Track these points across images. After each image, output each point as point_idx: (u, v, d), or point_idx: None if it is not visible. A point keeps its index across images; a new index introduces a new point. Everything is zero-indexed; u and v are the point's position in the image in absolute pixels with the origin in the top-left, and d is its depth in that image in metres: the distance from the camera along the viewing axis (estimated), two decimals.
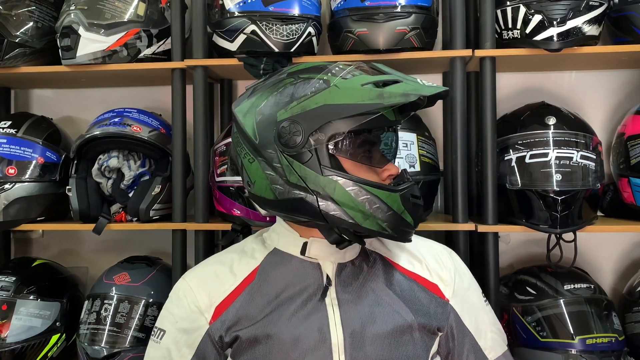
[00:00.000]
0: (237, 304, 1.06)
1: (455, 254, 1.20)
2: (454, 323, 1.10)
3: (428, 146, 1.57)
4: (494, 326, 1.16)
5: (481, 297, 1.17)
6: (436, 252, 1.17)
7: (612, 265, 1.85)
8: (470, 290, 1.16)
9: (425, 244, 1.19)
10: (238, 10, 1.52)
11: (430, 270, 1.12)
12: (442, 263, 1.14)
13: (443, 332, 1.09)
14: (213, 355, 1.06)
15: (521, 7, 1.47)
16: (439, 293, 1.10)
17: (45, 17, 1.71)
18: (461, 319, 1.11)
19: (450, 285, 1.12)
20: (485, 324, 1.14)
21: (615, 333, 1.48)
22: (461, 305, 1.12)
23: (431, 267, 1.13)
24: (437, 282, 1.11)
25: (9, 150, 1.65)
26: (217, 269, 1.12)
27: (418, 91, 0.97)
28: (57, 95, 2.05)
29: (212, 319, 1.06)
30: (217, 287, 1.09)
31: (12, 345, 1.60)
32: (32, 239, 2.06)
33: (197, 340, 1.06)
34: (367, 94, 0.96)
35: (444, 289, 1.11)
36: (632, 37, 1.53)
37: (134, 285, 1.65)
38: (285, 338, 1.01)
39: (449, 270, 1.13)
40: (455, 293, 1.12)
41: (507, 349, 1.17)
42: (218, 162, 1.63)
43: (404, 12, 1.50)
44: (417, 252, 1.15)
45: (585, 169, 1.47)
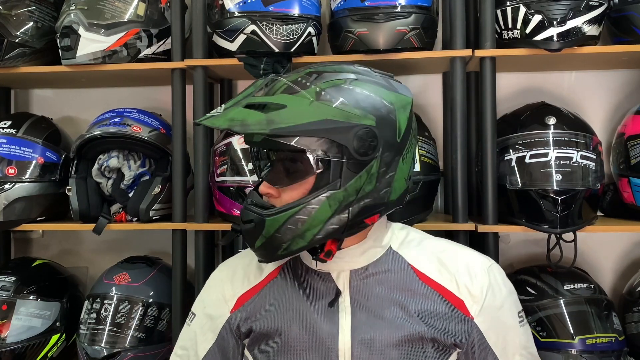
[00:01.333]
0: (257, 297, 1.11)
1: (496, 268, 1.10)
2: (477, 342, 1.04)
3: (428, 146, 1.57)
4: (526, 350, 1.08)
5: (516, 317, 1.08)
6: (472, 265, 1.07)
7: (612, 265, 1.85)
8: (504, 309, 1.06)
9: (465, 254, 1.10)
10: (238, 10, 1.52)
11: (459, 284, 1.05)
12: (475, 278, 1.06)
13: (462, 349, 1.04)
14: (232, 343, 1.11)
15: (521, 7, 1.47)
16: (464, 309, 1.04)
17: (45, 17, 1.72)
18: (485, 338, 1.04)
19: (479, 302, 1.04)
20: (515, 346, 1.07)
21: (615, 333, 1.48)
22: (488, 324, 1.04)
23: (461, 281, 1.05)
24: (465, 297, 1.04)
25: (9, 150, 1.65)
26: (246, 263, 1.17)
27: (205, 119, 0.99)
28: (57, 95, 2.05)
29: (233, 308, 1.11)
30: (242, 279, 1.14)
31: (12, 345, 1.60)
32: (32, 239, 2.06)
33: (219, 326, 1.11)
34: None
35: (470, 306, 1.04)
36: (632, 37, 1.53)
37: (134, 285, 1.65)
38: (295, 337, 1.03)
39: (480, 287, 1.05)
40: (483, 311, 1.04)
41: None
42: (218, 162, 1.63)
43: (404, 12, 1.50)
44: (451, 263, 1.07)
45: (585, 169, 1.47)
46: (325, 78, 0.99)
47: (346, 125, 0.95)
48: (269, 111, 0.94)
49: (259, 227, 0.98)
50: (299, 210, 0.96)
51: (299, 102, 0.96)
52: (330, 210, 0.96)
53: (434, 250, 1.10)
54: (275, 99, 0.96)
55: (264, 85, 1.02)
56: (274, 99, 0.96)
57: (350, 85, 0.99)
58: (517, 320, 1.08)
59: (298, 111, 0.94)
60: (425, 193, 1.52)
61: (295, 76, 1.01)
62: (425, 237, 1.14)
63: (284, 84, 0.99)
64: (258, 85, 1.03)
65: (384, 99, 0.99)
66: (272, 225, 0.97)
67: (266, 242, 0.98)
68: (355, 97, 0.97)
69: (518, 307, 1.10)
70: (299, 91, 0.97)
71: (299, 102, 0.96)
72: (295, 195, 0.98)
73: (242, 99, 0.99)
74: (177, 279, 1.62)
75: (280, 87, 0.99)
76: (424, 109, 1.86)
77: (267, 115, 0.93)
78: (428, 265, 1.07)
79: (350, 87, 0.98)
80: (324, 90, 0.97)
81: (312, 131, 0.94)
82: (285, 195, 0.99)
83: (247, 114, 0.94)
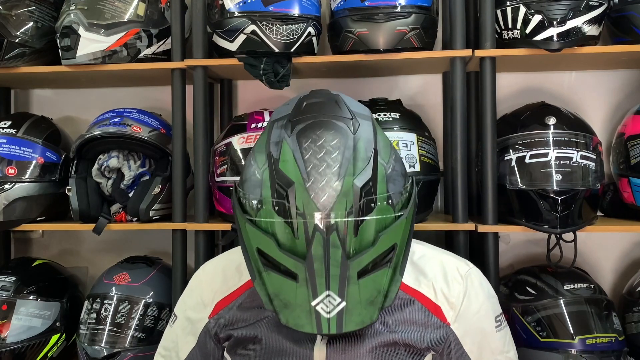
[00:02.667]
0: (236, 303, 1.10)
1: (475, 273, 1.10)
2: (453, 347, 1.05)
3: (428, 146, 1.57)
4: (502, 354, 1.08)
5: (493, 322, 1.09)
6: (450, 271, 1.08)
7: (612, 265, 1.84)
8: (480, 314, 1.07)
9: (443, 260, 1.10)
10: (238, 10, 1.52)
11: (436, 291, 1.06)
12: (452, 284, 1.06)
13: (437, 352, 1.05)
14: (211, 346, 1.11)
15: (521, 7, 1.47)
16: (441, 315, 1.04)
17: (45, 17, 1.71)
18: (461, 343, 1.05)
19: (456, 309, 1.05)
20: (491, 351, 1.07)
21: (615, 333, 1.48)
22: (465, 329, 1.05)
23: (438, 286, 1.06)
24: (442, 303, 1.05)
25: (9, 150, 1.65)
26: (225, 266, 1.15)
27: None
28: (57, 95, 2.05)
29: (211, 314, 1.11)
30: (221, 284, 1.12)
31: (12, 345, 1.60)
32: (32, 239, 2.06)
33: (198, 330, 1.12)
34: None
35: (447, 312, 1.05)
36: (632, 37, 1.53)
37: (134, 285, 1.65)
38: (273, 344, 1.04)
39: (457, 293, 1.05)
40: (460, 317, 1.05)
41: None
42: (218, 162, 1.63)
43: (404, 12, 1.50)
44: (429, 269, 1.08)
45: (585, 169, 1.47)
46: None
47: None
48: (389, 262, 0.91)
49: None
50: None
51: (399, 227, 0.93)
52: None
53: (412, 258, 1.09)
54: (383, 245, 0.90)
55: (336, 243, 0.87)
56: (381, 246, 0.89)
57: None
58: (494, 326, 1.09)
59: (401, 235, 0.93)
60: (425, 193, 1.52)
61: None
62: None
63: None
64: (332, 244, 0.87)
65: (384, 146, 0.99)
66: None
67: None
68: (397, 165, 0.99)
69: (496, 312, 1.10)
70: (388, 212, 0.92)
71: (399, 227, 0.93)
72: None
73: (339, 272, 0.86)
74: (177, 279, 1.62)
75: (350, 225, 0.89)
76: (424, 109, 1.86)
77: (392, 266, 0.91)
78: (408, 272, 1.06)
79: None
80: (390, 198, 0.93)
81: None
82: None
83: (372, 281, 0.88)
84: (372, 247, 0.88)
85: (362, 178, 0.89)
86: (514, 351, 1.11)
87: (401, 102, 1.67)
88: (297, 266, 0.87)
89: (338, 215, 0.86)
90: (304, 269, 0.86)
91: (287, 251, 0.88)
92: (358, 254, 0.88)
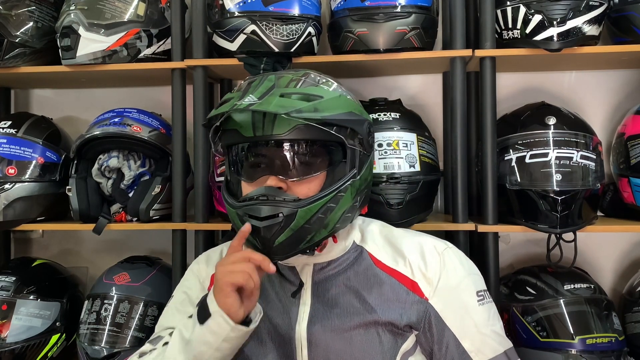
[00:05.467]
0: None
1: (451, 249, 1.13)
2: (433, 321, 1.06)
3: (428, 146, 1.57)
4: (487, 328, 1.07)
5: (475, 295, 1.09)
6: (426, 249, 1.11)
7: (612, 265, 1.85)
8: (461, 288, 1.08)
9: (417, 240, 1.14)
10: (238, 10, 1.52)
11: (412, 268, 1.09)
12: (429, 260, 1.09)
13: (419, 331, 1.07)
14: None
15: (521, 7, 1.47)
16: (418, 291, 1.07)
17: (45, 17, 1.71)
18: (442, 318, 1.06)
19: (433, 284, 1.07)
20: (475, 325, 1.07)
21: (615, 333, 1.48)
22: (444, 303, 1.07)
23: (415, 264, 1.09)
24: (419, 279, 1.08)
25: (9, 150, 1.65)
26: (223, 249, 1.23)
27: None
28: (57, 95, 2.05)
29: (209, 287, 1.16)
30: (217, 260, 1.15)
31: (12, 345, 1.60)
32: (32, 239, 2.06)
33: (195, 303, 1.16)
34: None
35: (424, 287, 1.07)
36: (632, 37, 1.53)
37: (134, 285, 1.65)
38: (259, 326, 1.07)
39: (433, 269, 1.08)
40: (438, 292, 1.07)
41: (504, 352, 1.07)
42: (218, 162, 1.63)
43: (404, 12, 1.50)
44: (405, 248, 1.11)
45: (585, 169, 1.47)
46: (323, 77, 1.09)
47: (361, 118, 1.06)
48: (311, 99, 1.00)
49: (288, 220, 0.99)
50: (330, 198, 1.01)
51: (331, 94, 1.03)
52: (351, 198, 1.04)
53: (391, 239, 1.14)
54: (310, 90, 1.02)
55: (273, 79, 1.05)
56: (308, 90, 1.02)
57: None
58: (476, 299, 1.08)
59: (333, 102, 1.02)
60: (425, 193, 1.52)
61: (293, 74, 1.07)
62: (384, 226, 1.18)
63: (298, 78, 1.05)
64: (267, 79, 1.05)
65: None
66: (304, 217, 0.99)
67: (292, 235, 1.00)
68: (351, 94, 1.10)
69: (478, 287, 1.11)
70: (319, 85, 1.05)
71: (331, 94, 1.03)
72: (311, 187, 1.02)
73: (266, 90, 1.01)
74: (177, 279, 1.61)
75: (295, 81, 1.04)
76: (424, 109, 1.86)
77: (314, 104, 0.99)
78: (384, 253, 1.12)
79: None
80: (339, 87, 1.08)
81: (347, 121, 1.02)
82: (296, 189, 1.02)
83: (292, 101, 0.98)
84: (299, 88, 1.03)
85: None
86: (500, 325, 1.10)
87: (401, 102, 1.67)
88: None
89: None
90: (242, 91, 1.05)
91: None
92: (287, 88, 1.03)
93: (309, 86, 1.04)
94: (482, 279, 1.14)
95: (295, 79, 1.05)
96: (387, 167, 1.47)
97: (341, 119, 1.01)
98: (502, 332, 1.10)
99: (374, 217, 1.46)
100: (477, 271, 1.15)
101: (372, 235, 1.15)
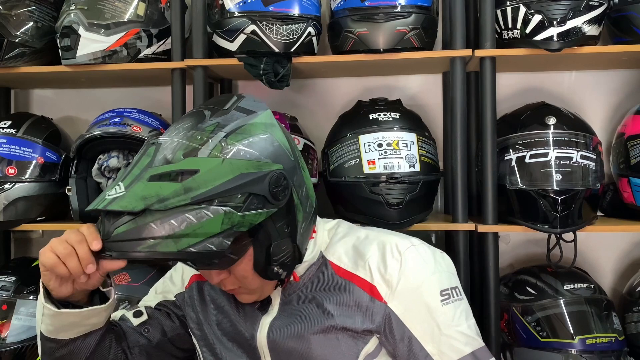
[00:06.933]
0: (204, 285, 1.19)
1: (416, 248, 1.07)
2: (395, 326, 1.03)
3: (428, 146, 1.57)
4: (451, 328, 1.02)
5: (438, 295, 1.03)
6: (388, 248, 1.07)
7: (612, 265, 1.84)
8: (422, 289, 1.03)
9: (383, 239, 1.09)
10: (238, 10, 1.52)
11: (372, 271, 1.05)
12: (389, 261, 1.05)
13: (380, 334, 1.05)
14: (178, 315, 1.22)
15: (521, 7, 1.47)
16: (377, 295, 1.04)
17: (45, 17, 1.71)
18: (403, 322, 1.02)
19: (392, 285, 1.03)
20: (438, 326, 1.02)
21: (615, 333, 1.48)
22: (405, 306, 1.03)
23: (374, 266, 1.05)
24: (378, 282, 1.04)
25: (9, 150, 1.65)
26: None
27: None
28: (57, 95, 2.05)
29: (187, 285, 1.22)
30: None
31: (12, 345, 1.60)
32: (32, 239, 2.06)
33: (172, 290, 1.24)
34: None
35: (383, 290, 1.04)
36: (632, 37, 1.53)
37: (134, 286, 1.65)
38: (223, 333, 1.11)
39: (393, 269, 1.04)
40: (398, 294, 1.03)
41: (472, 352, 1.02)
42: None
43: (404, 12, 1.50)
44: (367, 250, 1.08)
45: (585, 169, 1.47)
46: (222, 133, 0.94)
47: (259, 175, 0.92)
48: (182, 179, 0.88)
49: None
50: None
51: (211, 163, 0.90)
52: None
53: (354, 242, 1.11)
54: (183, 165, 0.90)
55: (152, 154, 0.93)
56: (182, 165, 0.90)
57: (240, 140, 0.94)
58: (439, 300, 1.03)
59: (213, 173, 0.89)
60: (425, 193, 1.52)
61: (196, 138, 0.93)
62: (350, 228, 1.16)
63: (179, 148, 0.92)
64: (146, 154, 0.94)
65: (260, 134, 0.97)
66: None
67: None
68: (255, 147, 0.95)
69: (442, 286, 1.05)
70: (200, 149, 0.91)
71: (211, 163, 0.90)
72: (246, 265, 0.98)
73: (139, 172, 0.90)
74: None
75: (175, 150, 0.92)
76: (424, 109, 1.86)
77: (183, 184, 0.87)
78: (346, 258, 1.09)
79: (243, 141, 0.94)
80: (228, 145, 0.92)
81: (231, 189, 0.89)
82: (237, 271, 0.99)
83: (158, 187, 0.87)
84: (173, 164, 0.91)
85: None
86: (468, 325, 1.04)
87: (401, 102, 1.67)
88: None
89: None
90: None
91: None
92: (161, 166, 0.91)
93: (190, 156, 0.91)
94: (453, 276, 1.09)
95: (184, 147, 0.92)
96: (387, 167, 1.47)
97: (222, 190, 0.88)
98: (470, 332, 1.04)
99: (373, 217, 1.47)
100: (445, 268, 1.08)
101: (336, 240, 1.12)
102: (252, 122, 0.98)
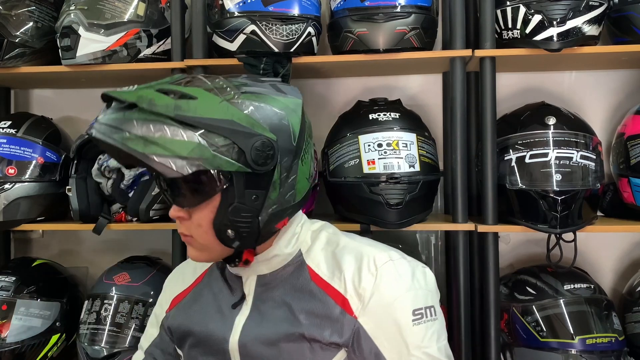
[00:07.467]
0: (185, 300, 1.18)
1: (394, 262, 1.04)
2: (364, 342, 1.01)
3: (428, 146, 1.57)
4: (419, 350, 1.00)
5: (410, 315, 1.00)
6: (365, 261, 1.04)
7: (612, 265, 1.84)
8: (395, 306, 1.00)
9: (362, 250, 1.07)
10: (238, 10, 1.52)
11: (346, 283, 1.03)
12: (364, 275, 1.02)
13: (347, 349, 1.02)
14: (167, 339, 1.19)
15: (521, 7, 1.47)
16: (348, 308, 1.01)
17: (45, 17, 1.72)
18: (372, 338, 1.00)
19: (364, 300, 1.01)
20: (407, 346, 1.00)
21: (615, 333, 1.49)
22: (375, 323, 1.01)
23: (349, 278, 1.03)
24: (351, 296, 1.02)
25: (9, 150, 1.65)
26: (185, 268, 1.24)
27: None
28: (57, 95, 2.05)
29: (168, 309, 1.20)
30: (180, 282, 1.21)
31: (12, 345, 1.60)
32: (32, 239, 2.06)
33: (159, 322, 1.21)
34: None
35: (354, 305, 1.01)
36: (632, 37, 1.53)
37: (134, 285, 1.65)
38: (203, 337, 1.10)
39: (367, 284, 1.01)
40: (369, 310, 1.00)
41: None
42: None
43: (404, 12, 1.50)
44: (345, 261, 1.05)
45: (585, 169, 1.47)
46: (241, 89, 0.98)
47: (249, 131, 0.93)
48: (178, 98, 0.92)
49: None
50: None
51: (210, 98, 0.94)
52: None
53: (335, 250, 1.08)
54: (188, 90, 0.94)
55: (183, 79, 1.00)
56: (187, 89, 0.95)
57: (251, 100, 0.97)
58: (411, 319, 1.01)
59: (207, 105, 0.93)
60: (425, 193, 1.52)
61: (216, 82, 0.99)
62: (334, 235, 1.12)
63: (203, 82, 0.98)
64: (176, 78, 1.02)
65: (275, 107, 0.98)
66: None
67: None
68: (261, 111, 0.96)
69: (417, 305, 1.02)
70: (213, 89, 0.96)
71: (210, 98, 0.94)
72: (206, 215, 0.97)
73: (156, 85, 0.97)
74: None
75: (197, 84, 0.98)
76: (424, 109, 1.86)
77: (176, 102, 0.91)
78: (324, 265, 1.06)
79: (253, 102, 0.97)
80: (238, 98, 0.95)
81: (216, 127, 0.91)
82: (196, 216, 0.98)
83: (156, 95, 0.92)
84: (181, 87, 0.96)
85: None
86: (438, 347, 1.02)
87: (401, 102, 1.67)
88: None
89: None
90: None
91: None
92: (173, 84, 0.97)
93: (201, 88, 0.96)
94: (430, 294, 1.05)
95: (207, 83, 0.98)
96: (386, 167, 1.47)
97: (206, 122, 0.90)
98: (439, 354, 1.01)
99: (373, 217, 1.47)
100: (422, 286, 1.04)
101: (319, 245, 1.10)
102: (274, 97, 0.99)
